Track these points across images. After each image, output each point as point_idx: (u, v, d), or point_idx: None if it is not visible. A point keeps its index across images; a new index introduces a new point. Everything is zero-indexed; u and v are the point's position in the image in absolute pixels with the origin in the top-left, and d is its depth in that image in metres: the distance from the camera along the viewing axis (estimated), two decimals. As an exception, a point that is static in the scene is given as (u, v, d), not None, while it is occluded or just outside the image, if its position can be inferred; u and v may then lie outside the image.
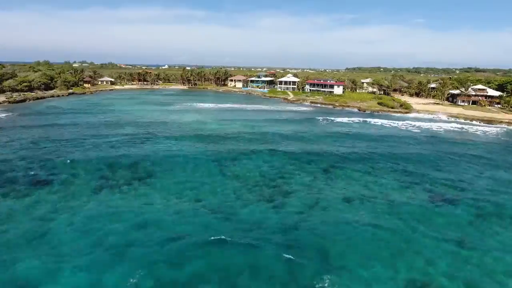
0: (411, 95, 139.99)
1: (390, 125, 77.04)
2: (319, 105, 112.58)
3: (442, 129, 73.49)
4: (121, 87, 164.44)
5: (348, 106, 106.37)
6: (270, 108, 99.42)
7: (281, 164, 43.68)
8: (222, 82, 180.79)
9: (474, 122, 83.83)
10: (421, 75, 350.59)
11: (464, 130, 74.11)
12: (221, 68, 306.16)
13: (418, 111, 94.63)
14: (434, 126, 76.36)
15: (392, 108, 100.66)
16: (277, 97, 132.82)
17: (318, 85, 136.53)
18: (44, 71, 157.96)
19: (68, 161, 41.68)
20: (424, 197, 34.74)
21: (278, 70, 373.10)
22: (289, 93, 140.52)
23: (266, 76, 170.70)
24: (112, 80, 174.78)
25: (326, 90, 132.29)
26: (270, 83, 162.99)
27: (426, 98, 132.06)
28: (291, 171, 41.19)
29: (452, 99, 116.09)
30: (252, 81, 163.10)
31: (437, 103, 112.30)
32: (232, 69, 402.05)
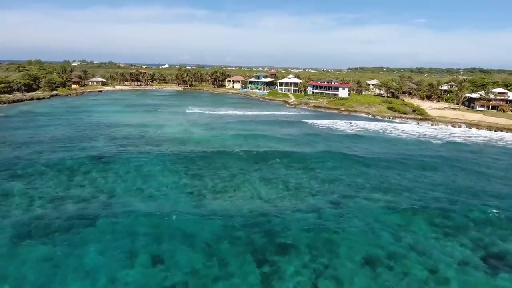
0: (421, 98, 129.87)
1: (410, 136, 66.98)
2: (322, 109, 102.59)
3: (472, 141, 63.50)
4: (111, 88, 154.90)
5: (355, 111, 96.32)
6: (268, 114, 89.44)
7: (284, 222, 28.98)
8: (220, 83, 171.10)
9: (501, 132, 73.71)
10: (425, 75, 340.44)
11: (493, 142, 64.04)
12: (221, 67, 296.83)
13: (433, 119, 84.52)
14: (461, 137, 66.47)
15: (405, 114, 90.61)
16: (277, 100, 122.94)
17: (321, 87, 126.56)
18: (32, 71, 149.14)
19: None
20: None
21: (279, 70, 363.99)
22: (290, 95, 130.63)
23: (266, 76, 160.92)
24: (104, 80, 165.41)
25: (330, 92, 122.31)
26: (270, 84, 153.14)
27: (438, 101, 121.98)
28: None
29: (468, 104, 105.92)
30: (251, 82, 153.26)
31: (453, 108, 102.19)
32: (233, 68, 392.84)
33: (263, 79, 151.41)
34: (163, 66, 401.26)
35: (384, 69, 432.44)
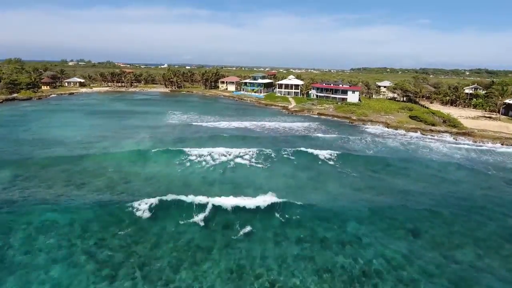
0: (444, 103, 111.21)
1: (458, 162, 48.51)
2: (330, 117, 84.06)
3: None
4: (88, 90, 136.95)
5: (370, 121, 77.85)
6: (261, 126, 70.98)
7: None
8: (213, 84, 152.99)
9: None
10: (431, 76, 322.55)
11: None
12: (221, 67, 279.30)
13: (473, 133, 66.05)
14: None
15: (433, 125, 72.15)
16: (275, 106, 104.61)
17: (327, 90, 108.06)
18: (5, 70, 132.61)
19: None
20: None
21: (281, 70, 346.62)
22: (290, 99, 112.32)
23: (263, 77, 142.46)
24: (82, 81, 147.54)
25: (337, 96, 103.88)
26: (268, 86, 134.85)
27: (464, 108, 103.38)
28: None
29: (506, 112, 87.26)
30: (246, 84, 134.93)
31: (488, 117, 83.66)
32: (234, 68, 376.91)
33: (260, 80, 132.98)
34: (162, 66, 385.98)
35: (388, 70, 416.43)
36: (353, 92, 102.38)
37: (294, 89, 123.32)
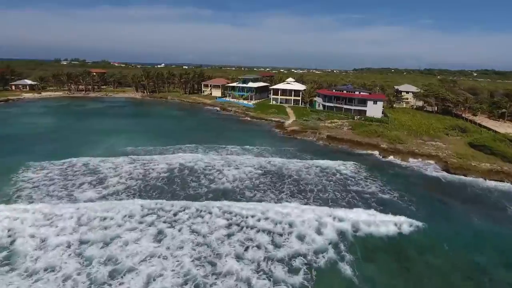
0: (490, 116, 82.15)
1: None
2: (345, 146, 55.39)
3: None
4: (36, 95, 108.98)
5: (412, 153, 49.33)
6: (228, 170, 42.71)
7: None
8: (195, 87, 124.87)
9: None
10: (438, 77, 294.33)
11: None
12: (220, 67, 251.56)
13: None
14: None
15: (520, 164, 43.70)
16: (267, 120, 76.30)
17: (338, 98, 79.51)
18: None
19: None
20: None
21: (282, 71, 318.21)
22: (288, 110, 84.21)
23: (256, 80, 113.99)
24: (33, 84, 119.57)
25: (352, 108, 75.56)
26: (262, 91, 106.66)
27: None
28: None
29: None
30: (233, 88, 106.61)
31: None
32: (233, 68, 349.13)
33: (250, 84, 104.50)
34: (159, 66, 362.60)
35: (393, 70, 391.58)
36: (375, 102, 73.89)
37: (294, 95, 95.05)
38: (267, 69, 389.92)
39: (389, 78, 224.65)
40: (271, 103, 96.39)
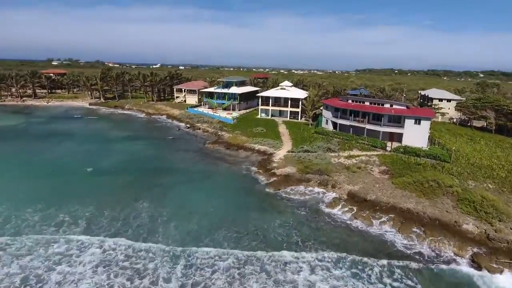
0: None
1: None
2: (389, 227, 28.31)
3: None
4: None
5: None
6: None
7: None
8: (168, 90, 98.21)
9: None
10: (445, 78, 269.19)
11: None
12: (217, 68, 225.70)
13: None
14: None
15: None
16: (246, 150, 49.00)
17: (356, 113, 51.95)
18: None
19: None
20: None
21: (282, 71, 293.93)
22: (282, 130, 57.21)
23: (243, 83, 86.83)
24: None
25: (380, 129, 48.27)
26: (250, 97, 79.71)
27: None
28: None
29: None
30: (210, 95, 79.45)
31: None
32: (231, 69, 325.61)
33: (233, 89, 77.30)
34: (155, 66, 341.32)
35: (396, 71, 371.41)
36: (417, 121, 46.31)
37: (291, 106, 67.92)
38: (266, 70, 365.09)
39: (398, 79, 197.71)
40: (258, 116, 69.45)
